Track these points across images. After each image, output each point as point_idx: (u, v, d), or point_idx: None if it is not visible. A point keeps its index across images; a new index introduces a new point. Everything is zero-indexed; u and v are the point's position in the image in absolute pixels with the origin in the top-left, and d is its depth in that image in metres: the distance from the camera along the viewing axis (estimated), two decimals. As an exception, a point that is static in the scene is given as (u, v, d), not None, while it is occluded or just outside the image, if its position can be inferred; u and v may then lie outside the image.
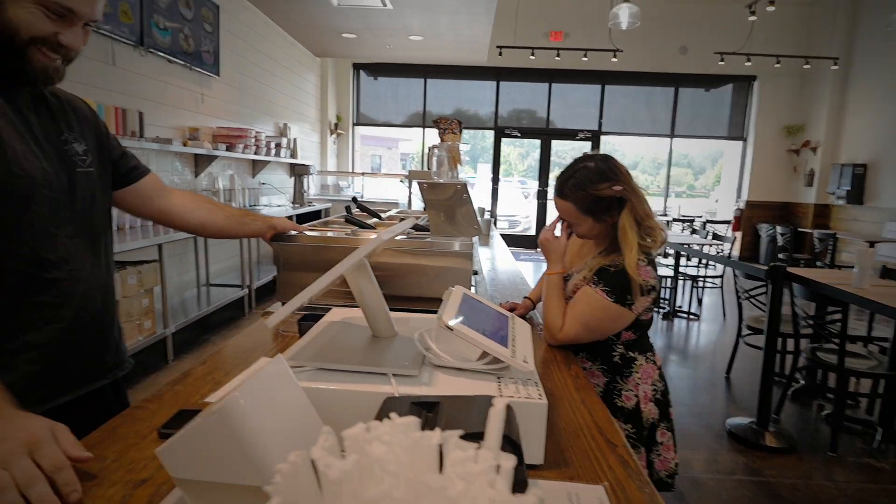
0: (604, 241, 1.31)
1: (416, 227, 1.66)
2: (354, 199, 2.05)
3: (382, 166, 11.58)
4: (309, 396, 0.56)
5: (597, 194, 1.24)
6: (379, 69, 8.11)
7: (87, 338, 0.92)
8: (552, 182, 8.44)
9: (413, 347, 0.82)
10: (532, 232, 8.84)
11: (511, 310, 1.44)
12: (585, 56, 6.62)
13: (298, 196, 5.94)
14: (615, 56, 6.55)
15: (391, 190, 7.99)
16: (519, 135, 8.33)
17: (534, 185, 8.67)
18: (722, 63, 6.52)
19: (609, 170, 1.26)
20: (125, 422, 0.78)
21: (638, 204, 1.25)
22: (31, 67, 0.78)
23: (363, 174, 7.70)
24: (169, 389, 0.91)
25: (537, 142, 8.48)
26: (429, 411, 0.58)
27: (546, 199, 8.42)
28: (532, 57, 6.62)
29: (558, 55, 6.65)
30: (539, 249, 1.42)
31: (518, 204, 9.91)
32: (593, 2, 7.00)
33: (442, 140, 1.89)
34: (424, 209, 2.18)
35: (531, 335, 0.91)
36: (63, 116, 0.90)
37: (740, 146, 8.17)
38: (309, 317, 1.18)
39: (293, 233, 1.36)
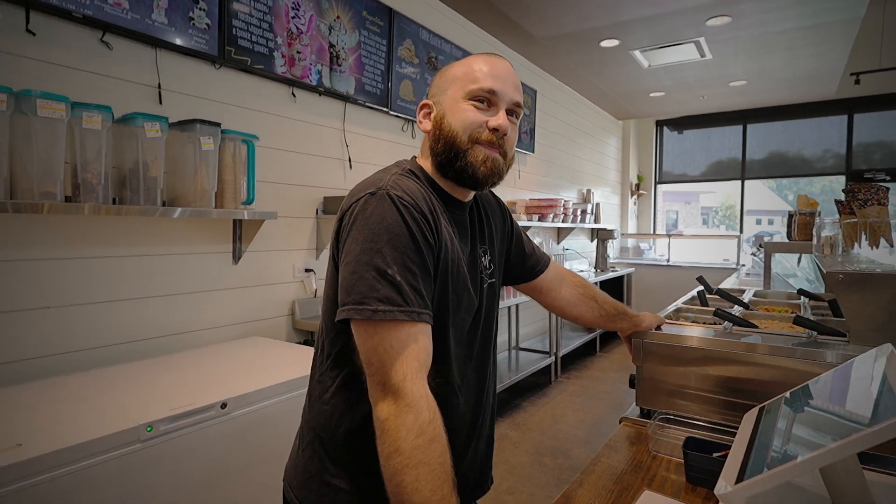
0: None
1: (800, 321, 1.28)
2: (701, 280, 1.77)
3: (679, 222, 10.58)
4: None
5: None
6: (685, 123, 7.54)
7: (478, 457, 0.94)
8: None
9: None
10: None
11: None
12: None
13: (601, 261, 5.83)
14: None
15: (697, 251, 7.14)
16: (888, 178, 6.40)
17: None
18: None
19: None
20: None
21: None
22: (477, 170, 0.83)
23: (671, 236, 7.10)
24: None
25: (917, 185, 6.35)
26: None
27: (937, 261, 6.13)
28: (910, 78, 5.07)
29: (957, 69, 4.91)
30: None
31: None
32: None
33: (845, 214, 1.46)
34: (799, 294, 1.72)
35: None
36: (483, 225, 0.95)
37: None
38: (694, 442, 0.97)
39: (658, 329, 1.19)
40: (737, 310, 1.45)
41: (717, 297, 1.63)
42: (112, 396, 1.41)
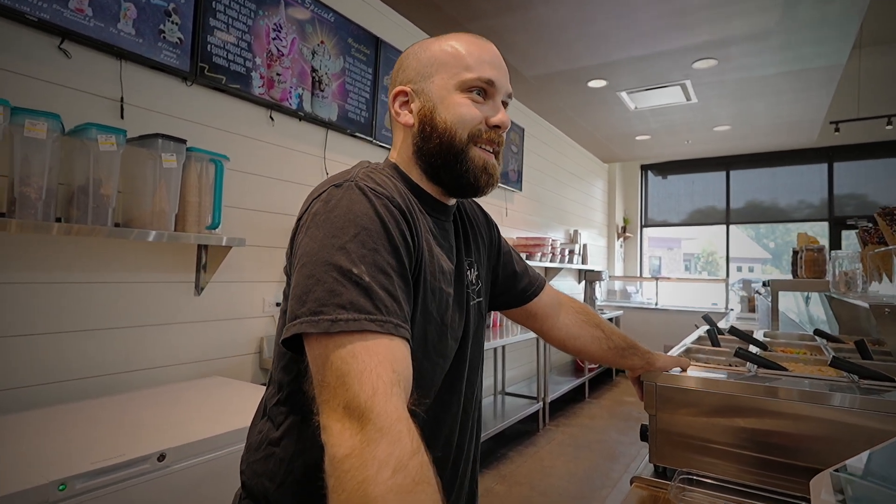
0: None
1: (838, 363, 1.13)
2: (708, 319, 1.62)
3: (662, 268, 10.59)
4: None
5: None
6: (669, 168, 7.62)
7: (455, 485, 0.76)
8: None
9: None
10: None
11: None
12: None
13: (589, 303, 5.68)
14: None
15: (683, 295, 7.08)
16: (871, 225, 6.44)
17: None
18: None
19: None
20: None
21: None
22: (479, 178, 0.71)
23: (658, 279, 7.03)
24: None
25: (898, 232, 6.39)
26: None
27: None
28: (889, 127, 5.18)
29: (933, 119, 5.03)
30: None
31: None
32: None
33: (872, 244, 1.34)
34: (815, 335, 1.58)
35: None
36: (468, 236, 0.82)
37: None
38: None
39: (675, 371, 1.02)
40: (754, 350, 1.29)
41: (729, 336, 1.47)
42: (28, 445, 1.18)
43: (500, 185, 4.39)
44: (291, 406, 0.67)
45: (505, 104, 0.75)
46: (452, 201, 0.78)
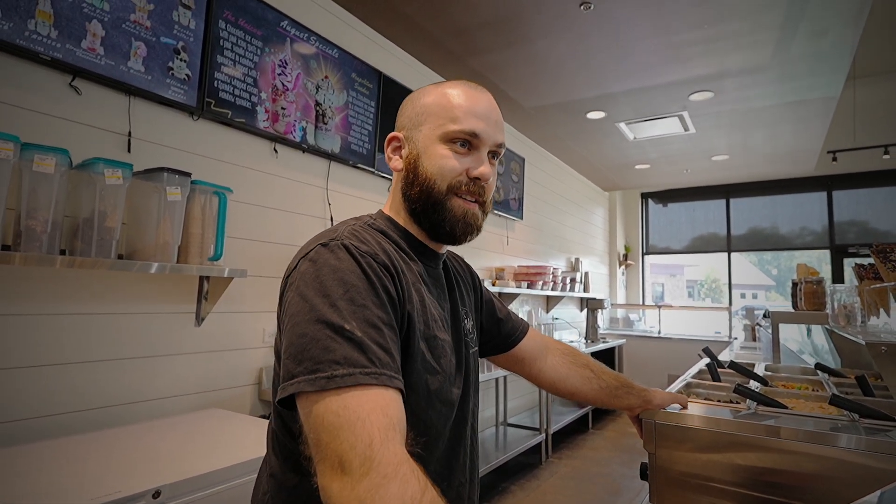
0: None
1: (837, 401, 1.12)
2: (708, 352, 1.61)
3: (665, 295, 10.56)
4: None
5: None
6: (669, 196, 7.67)
7: None
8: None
9: None
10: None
11: None
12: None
13: (591, 331, 5.65)
14: None
15: (686, 323, 7.03)
16: (866, 263, 6.43)
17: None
18: None
19: None
20: None
21: None
22: (455, 227, 0.72)
23: (661, 307, 7.00)
24: None
25: (900, 260, 6.38)
26: None
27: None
28: (886, 156, 5.23)
29: (930, 149, 5.08)
30: None
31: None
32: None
33: (868, 279, 1.34)
34: (816, 369, 1.57)
35: None
36: (459, 285, 0.82)
37: None
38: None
39: (675, 409, 1.02)
40: (754, 385, 1.29)
41: (729, 370, 1.47)
42: (25, 481, 1.17)
43: (500, 213, 4.43)
44: (295, 464, 0.66)
45: (496, 154, 0.76)
46: (443, 249, 0.79)
